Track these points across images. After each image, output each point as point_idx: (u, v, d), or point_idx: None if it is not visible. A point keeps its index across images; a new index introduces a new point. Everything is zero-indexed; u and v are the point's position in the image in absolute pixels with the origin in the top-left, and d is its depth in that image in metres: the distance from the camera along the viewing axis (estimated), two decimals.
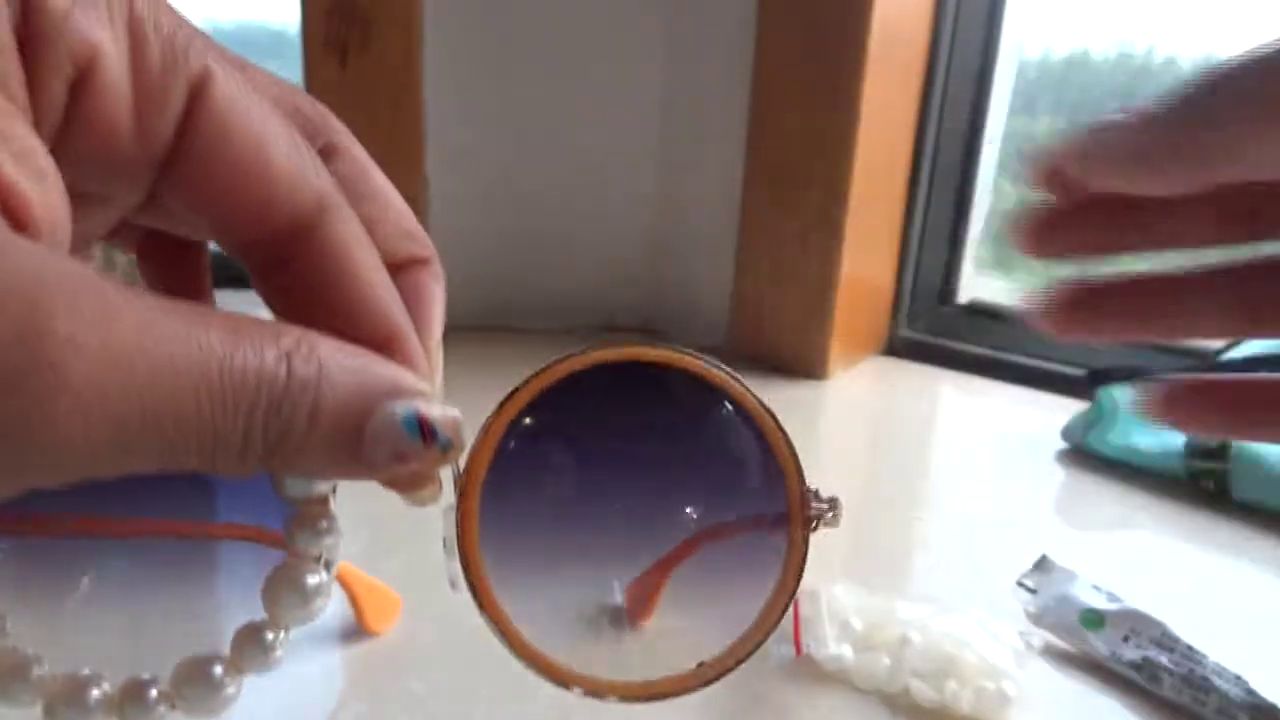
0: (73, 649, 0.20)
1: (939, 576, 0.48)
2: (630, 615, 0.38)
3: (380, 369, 0.18)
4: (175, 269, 0.24)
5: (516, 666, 0.21)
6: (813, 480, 0.23)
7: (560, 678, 0.21)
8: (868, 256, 0.74)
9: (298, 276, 0.19)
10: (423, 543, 0.48)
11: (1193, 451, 0.57)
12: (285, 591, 0.20)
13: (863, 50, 0.65)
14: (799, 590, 0.23)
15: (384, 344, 0.19)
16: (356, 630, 0.40)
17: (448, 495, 0.22)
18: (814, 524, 0.23)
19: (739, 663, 0.22)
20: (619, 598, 0.24)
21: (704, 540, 0.31)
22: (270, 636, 0.20)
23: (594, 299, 0.81)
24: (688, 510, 0.24)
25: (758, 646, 0.22)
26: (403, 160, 0.76)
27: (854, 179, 0.68)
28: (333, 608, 0.40)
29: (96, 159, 0.17)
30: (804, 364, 0.73)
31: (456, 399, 0.23)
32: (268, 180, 0.18)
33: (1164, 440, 0.59)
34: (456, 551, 0.21)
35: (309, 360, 0.17)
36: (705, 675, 0.22)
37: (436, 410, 0.19)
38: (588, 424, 0.23)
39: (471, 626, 0.22)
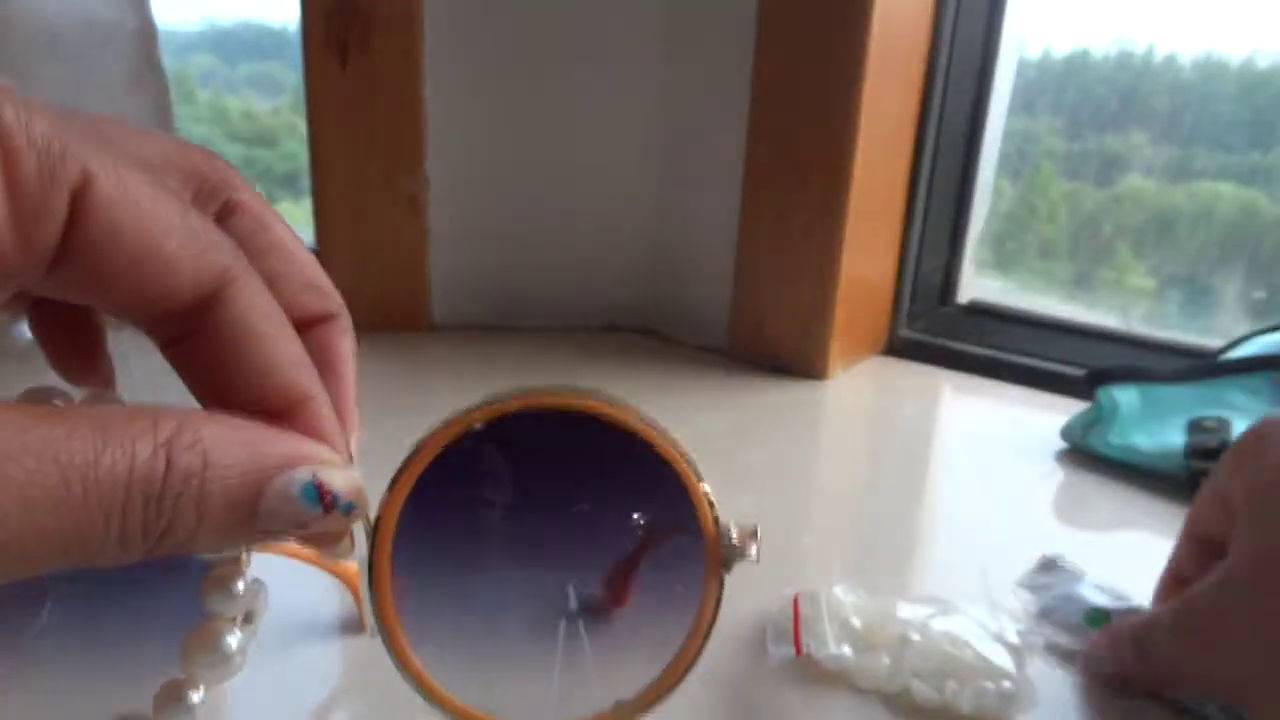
0: (21, 697, 0.20)
1: (939, 576, 0.48)
2: (607, 602, 0.38)
3: (273, 443, 0.18)
4: (68, 327, 0.24)
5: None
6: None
7: None
8: (868, 256, 0.74)
9: (203, 348, 0.19)
10: None
11: (1193, 451, 0.57)
12: (201, 652, 0.20)
13: (863, 50, 0.65)
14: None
15: (293, 409, 0.20)
16: (358, 627, 0.40)
17: (362, 548, 0.22)
18: (728, 565, 0.23)
19: (657, 700, 0.22)
20: (542, 636, 0.24)
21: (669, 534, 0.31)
22: (191, 695, 0.20)
23: (594, 299, 0.81)
24: (603, 552, 0.24)
25: (675, 684, 0.22)
26: (403, 160, 0.76)
27: (854, 179, 0.68)
28: (335, 604, 0.40)
29: None
30: (804, 364, 0.73)
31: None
32: (161, 269, 0.18)
33: (1164, 440, 0.59)
34: (372, 603, 0.21)
35: (191, 448, 0.17)
36: (622, 714, 0.22)
37: (336, 475, 0.19)
38: (498, 473, 0.24)
39: None
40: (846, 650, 0.39)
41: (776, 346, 0.74)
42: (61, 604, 0.23)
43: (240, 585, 0.20)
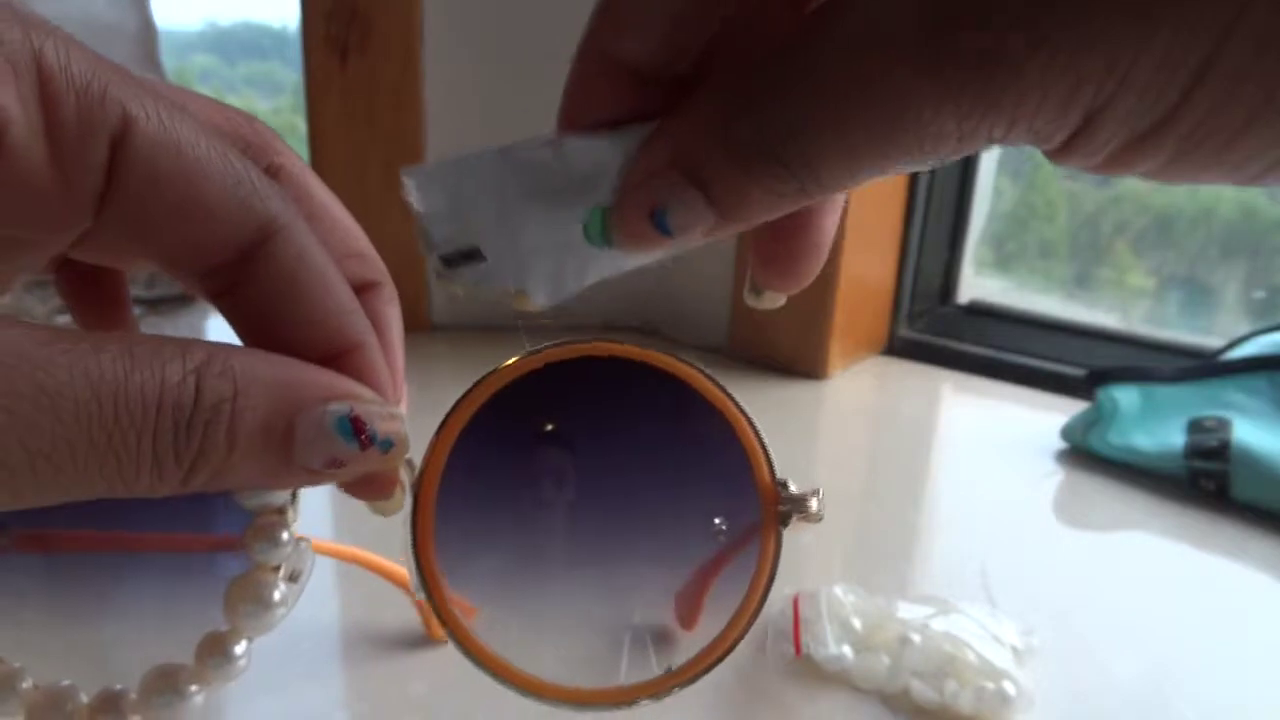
0: (49, 661, 0.20)
1: (939, 576, 0.48)
2: (680, 623, 0.38)
3: (308, 374, 0.18)
4: (95, 290, 0.24)
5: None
6: (813, 480, 0.22)
7: (525, 686, 0.21)
8: (868, 256, 0.74)
9: (252, 297, 0.19)
10: None
11: (1193, 452, 0.57)
12: (244, 602, 0.20)
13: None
14: (778, 587, 0.22)
15: (342, 356, 0.19)
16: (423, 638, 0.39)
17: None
18: (785, 520, 0.22)
19: (709, 668, 0.22)
20: (588, 599, 0.24)
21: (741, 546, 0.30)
22: (233, 647, 0.20)
23: (594, 299, 0.81)
24: (657, 509, 0.24)
25: (728, 651, 0.22)
26: (403, 160, 0.76)
27: None
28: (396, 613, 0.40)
29: (15, 215, 0.17)
30: (804, 364, 0.73)
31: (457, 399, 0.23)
32: (206, 214, 0.18)
33: (1164, 440, 0.59)
34: (413, 559, 0.21)
35: (222, 375, 0.16)
36: (674, 680, 0.22)
37: (374, 411, 0.18)
38: (547, 423, 0.23)
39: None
40: (846, 650, 0.39)
41: (776, 346, 0.74)
42: (99, 558, 0.22)
43: (285, 535, 0.20)
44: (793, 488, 0.22)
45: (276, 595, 0.20)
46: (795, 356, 0.73)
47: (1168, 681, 0.40)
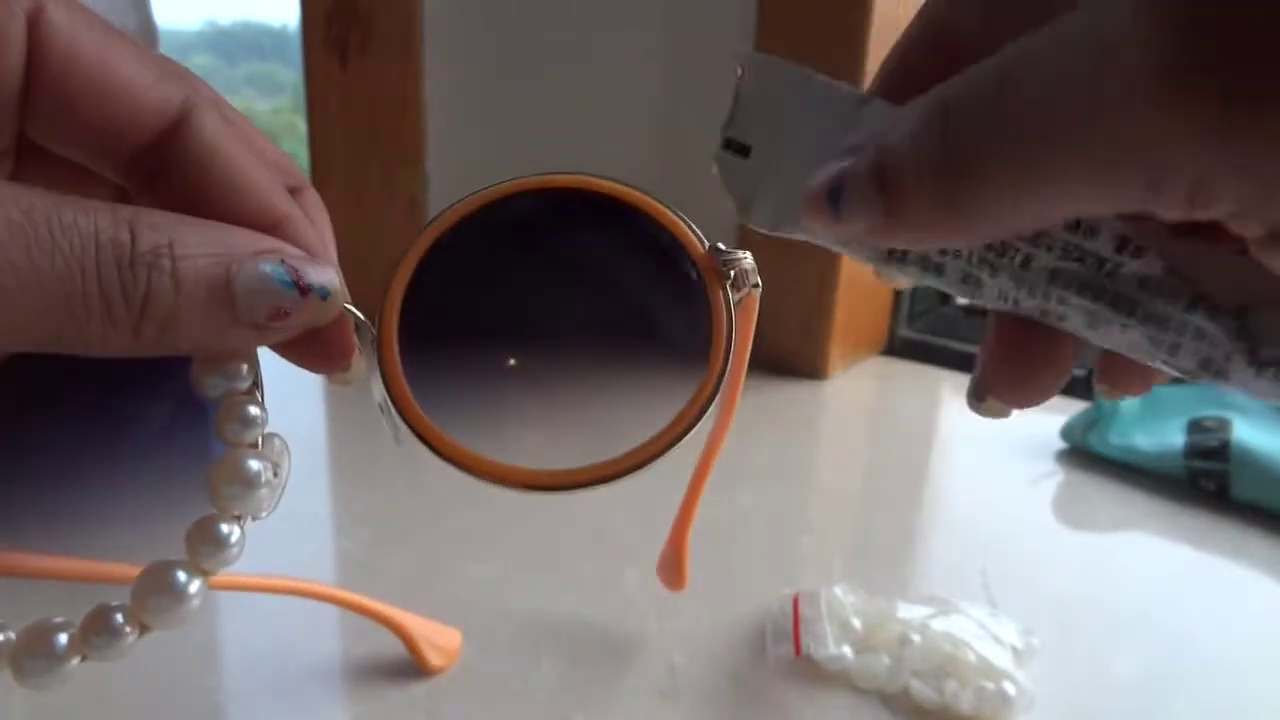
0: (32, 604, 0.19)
1: (939, 576, 0.48)
2: (667, 585, 0.38)
3: (236, 233, 0.18)
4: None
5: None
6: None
7: (515, 479, 0.21)
8: None
9: (176, 184, 0.19)
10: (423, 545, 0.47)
11: (1193, 451, 0.57)
12: (226, 483, 0.19)
13: (863, 50, 0.65)
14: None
15: (271, 230, 0.20)
16: (414, 669, 0.39)
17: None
18: (729, 276, 0.23)
19: (682, 434, 0.21)
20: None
21: (703, 475, 0.31)
22: (225, 529, 0.19)
23: None
24: (604, 306, 0.24)
25: (698, 417, 0.21)
26: (403, 160, 0.76)
27: None
28: (388, 648, 0.39)
29: None
30: (804, 364, 0.73)
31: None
32: (123, 91, 0.19)
33: (1164, 440, 0.59)
34: (389, 400, 0.21)
35: (154, 228, 0.17)
36: (663, 443, 0.21)
37: (306, 263, 0.19)
38: (490, 253, 0.24)
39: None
40: (846, 650, 0.39)
41: (776, 346, 0.74)
42: (78, 450, 0.22)
43: (254, 409, 0.20)
44: (722, 246, 0.23)
45: (257, 466, 0.19)
46: (795, 356, 0.73)
47: (1168, 681, 0.40)
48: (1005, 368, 0.21)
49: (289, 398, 0.20)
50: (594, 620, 0.42)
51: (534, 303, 0.24)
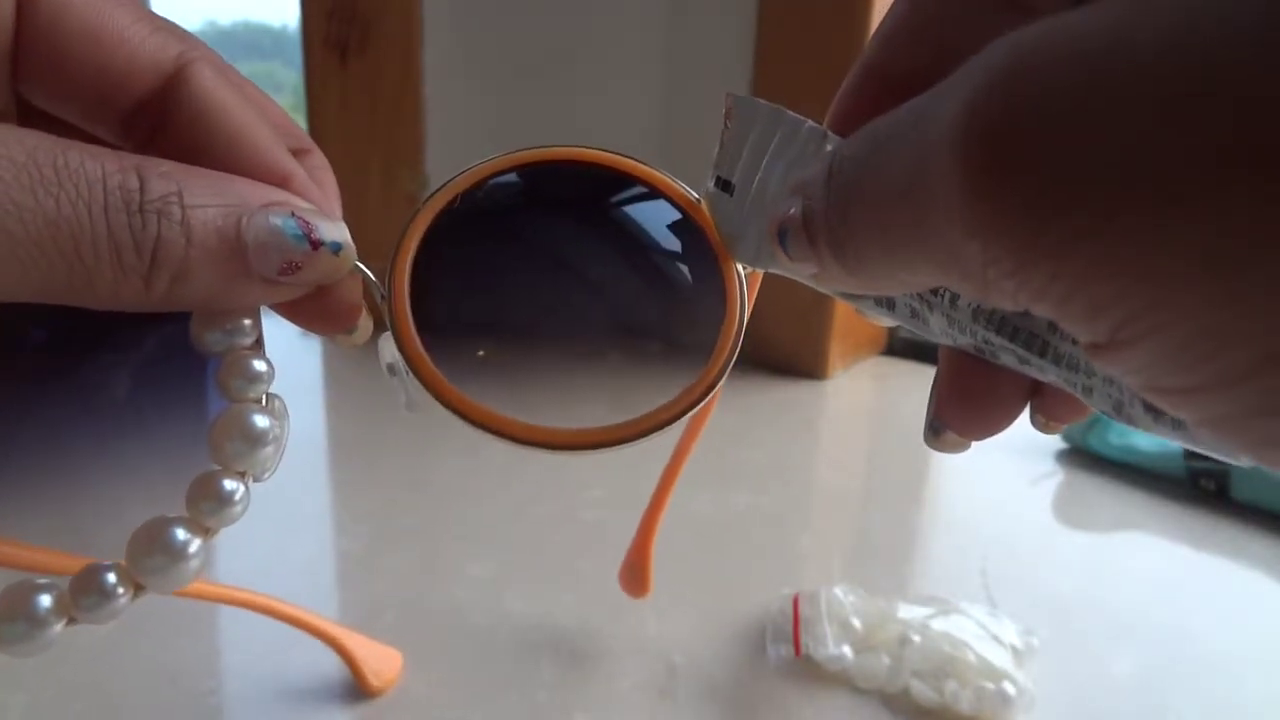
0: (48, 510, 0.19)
1: (939, 576, 0.48)
2: (630, 593, 0.38)
3: (245, 185, 0.18)
4: None
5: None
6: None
7: (534, 437, 0.21)
8: None
9: (176, 140, 0.19)
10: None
11: (1193, 452, 0.57)
12: (229, 439, 0.18)
13: (862, 48, 0.65)
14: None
15: (274, 185, 0.19)
16: (356, 691, 0.38)
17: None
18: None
19: (699, 400, 0.21)
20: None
21: (671, 481, 0.30)
22: (228, 484, 0.18)
23: None
24: (618, 273, 0.24)
25: (715, 383, 0.21)
26: (403, 160, 0.76)
27: None
28: (330, 670, 0.38)
29: None
30: (804, 364, 0.73)
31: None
32: (118, 44, 0.18)
33: (1164, 440, 0.59)
34: (402, 359, 0.21)
35: (164, 176, 0.16)
36: (667, 412, 0.21)
37: (317, 217, 0.18)
38: (504, 218, 0.24)
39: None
40: (846, 650, 0.39)
41: (776, 346, 0.74)
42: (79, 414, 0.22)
43: (258, 364, 0.19)
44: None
45: (264, 422, 0.19)
46: (795, 356, 0.73)
47: (1167, 681, 0.40)
48: (957, 402, 0.21)
49: (289, 398, 0.20)
50: (594, 620, 0.42)
51: (547, 267, 0.24)
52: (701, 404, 0.22)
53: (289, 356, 0.73)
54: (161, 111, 0.19)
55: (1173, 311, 0.11)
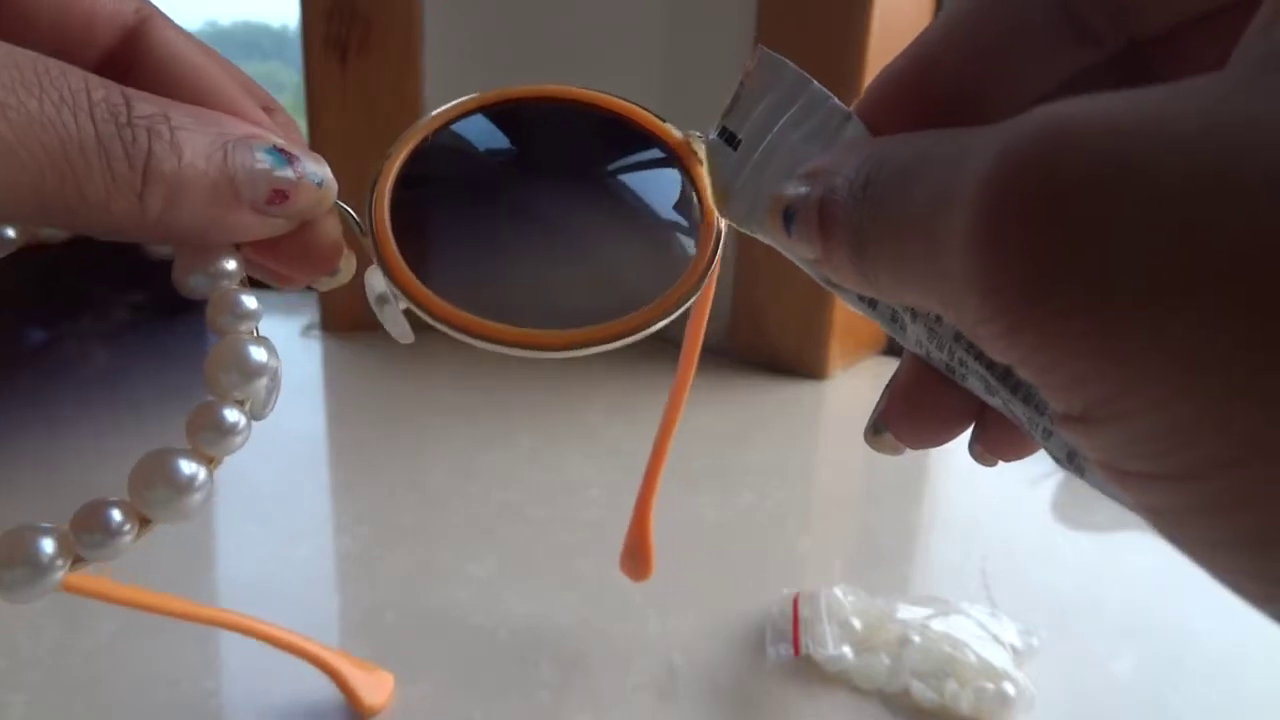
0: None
1: (939, 577, 0.48)
2: (633, 576, 0.38)
3: (224, 117, 0.18)
4: None
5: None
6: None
7: (519, 340, 0.21)
8: None
9: (144, 88, 0.18)
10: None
11: None
12: (224, 371, 0.18)
13: (863, 50, 0.65)
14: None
15: None
16: (350, 712, 0.37)
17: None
18: (696, 148, 0.23)
19: (677, 305, 0.22)
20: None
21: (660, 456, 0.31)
22: (227, 413, 0.18)
23: None
24: (592, 187, 0.25)
25: (693, 290, 0.22)
26: None
27: None
28: (325, 694, 0.37)
29: None
30: (804, 364, 0.73)
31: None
32: None
33: None
34: (391, 284, 0.21)
35: (149, 99, 0.16)
36: (648, 315, 0.22)
37: (298, 150, 0.19)
38: (478, 149, 0.25)
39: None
40: (846, 651, 0.39)
41: (776, 346, 0.74)
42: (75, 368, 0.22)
43: (246, 298, 0.19)
44: (697, 133, 0.24)
45: (258, 353, 0.18)
46: (795, 356, 0.73)
47: (1167, 681, 0.40)
48: (907, 410, 0.22)
49: (289, 398, 0.20)
50: (594, 620, 0.42)
51: (524, 189, 0.25)
52: (687, 303, 0.22)
53: (289, 357, 0.73)
54: (126, 66, 0.19)
55: (1147, 399, 0.12)
